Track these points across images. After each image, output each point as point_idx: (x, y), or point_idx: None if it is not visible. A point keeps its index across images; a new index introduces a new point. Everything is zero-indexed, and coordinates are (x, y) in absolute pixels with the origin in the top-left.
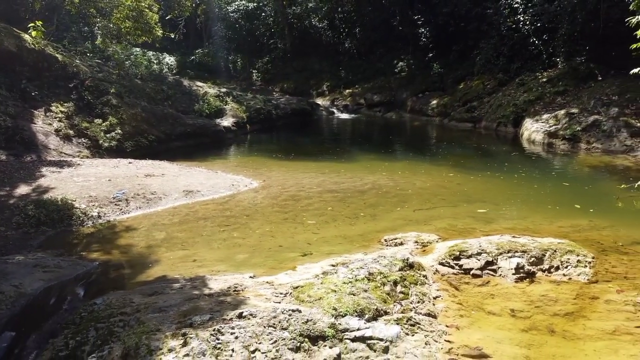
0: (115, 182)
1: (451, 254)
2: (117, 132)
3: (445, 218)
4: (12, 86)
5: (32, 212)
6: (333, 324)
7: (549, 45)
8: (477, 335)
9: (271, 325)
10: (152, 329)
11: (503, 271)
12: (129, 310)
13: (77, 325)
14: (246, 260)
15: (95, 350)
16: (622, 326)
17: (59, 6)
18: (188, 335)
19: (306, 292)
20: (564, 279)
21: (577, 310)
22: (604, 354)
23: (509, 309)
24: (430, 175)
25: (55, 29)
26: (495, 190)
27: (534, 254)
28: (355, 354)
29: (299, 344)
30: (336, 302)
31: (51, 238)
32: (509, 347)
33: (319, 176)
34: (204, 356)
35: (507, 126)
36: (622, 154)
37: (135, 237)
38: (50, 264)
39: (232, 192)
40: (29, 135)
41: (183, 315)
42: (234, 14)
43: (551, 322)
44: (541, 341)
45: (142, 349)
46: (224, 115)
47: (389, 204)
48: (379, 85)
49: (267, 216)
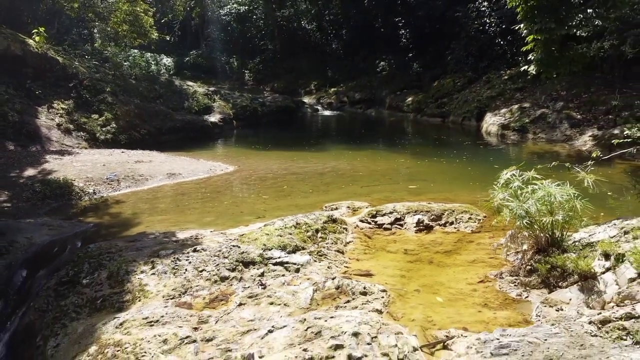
0: (108, 166)
1: (370, 214)
2: (112, 127)
3: (385, 192)
4: (18, 86)
5: (39, 188)
6: (261, 254)
7: (513, 46)
8: (371, 264)
9: (216, 255)
10: (130, 260)
11: (407, 225)
12: (114, 250)
13: (75, 262)
14: (212, 221)
15: (89, 275)
16: (480, 258)
17: (60, 11)
18: (155, 262)
19: (246, 237)
20: (453, 230)
21: (454, 249)
22: (458, 273)
23: (403, 249)
24: (386, 161)
25: (56, 32)
26: (435, 172)
27: (435, 213)
28: (275, 272)
29: (235, 266)
30: (266, 241)
31: (55, 208)
32: (392, 270)
33: (288, 162)
34: (166, 274)
35: (470, 120)
36: (562, 142)
37: (123, 207)
38: (54, 224)
39: (209, 174)
40: (34, 129)
41: (154, 252)
42: (226, 16)
43: (432, 257)
44: (419, 267)
45: (121, 271)
46: (212, 112)
47: (342, 182)
48: (362, 84)
49: (236, 192)
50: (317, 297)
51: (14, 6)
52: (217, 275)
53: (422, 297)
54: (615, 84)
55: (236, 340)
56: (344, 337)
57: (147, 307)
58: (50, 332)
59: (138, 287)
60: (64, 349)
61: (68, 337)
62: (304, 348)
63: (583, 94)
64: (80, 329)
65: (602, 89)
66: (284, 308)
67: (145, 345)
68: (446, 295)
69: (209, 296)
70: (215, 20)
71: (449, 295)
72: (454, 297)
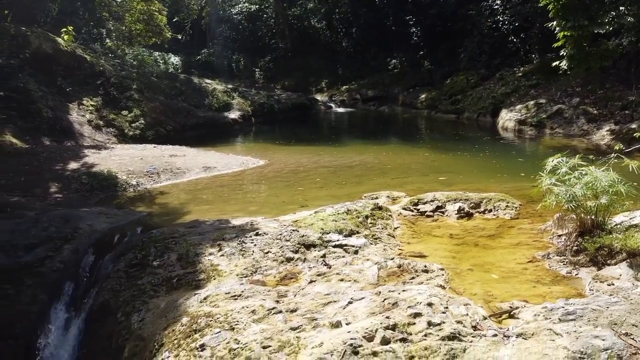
0: (146, 160)
1: (411, 202)
2: (141, 122)
3: (416, 183)
4: (49, 83)
5: (86, 180)
6: (320, 237)
7: (526, 43)
8: (421, 246)
9: (278, 239)
10: (196, 243)
11: (449, 212)
12: (177, 235)
13: (140, 246)
14: (257, 210)
15: (158, 257)
16: (523, 241)
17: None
18: (222, 245)
19: (302, 222)
20: (492, 217)
21: (497, 233)
22: (505, 254)
23: (448, 233)
24: (410, 155)
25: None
26: (461, 165)
27: (473, 201)
28: (335, 254)
29: (297, 249)
30: (323, 225)
31: (103, 199)
32: (442, 252)
33: (315, 156)
34: (234, 255)
35: (486, 116)
36: (579, 137)
37: (168, 198)
38: (110, 213)
39: (242, 168)
40: (67, 125)
41: (216, 237)
42: (237, 15)
43: (477, 240)
44: (466, 250)
45: (190, 253)
46: (231, 109)
47: (372, 174)
48: (374, 81)
49: (272, 184)
50: (382, 274)
51: (29, 5)
52: (282, 256)
53: (477, 275)
54: (630, 80)
55: (319, 310)
56: (420, 306)
57: (224, 284)
58: (131, 308)
59: (210, 267)
60: (151, 322)
61: (151, 312)
62: (387, 316)
63: (598, 90)
64: (162, 304)
65: (616, 85)
66: (354, 284)
67: (236, 315)
68: (499, 273)
69: (279, 275)
70: (226, 19)
71: (502, 273)
72: (506, 274)
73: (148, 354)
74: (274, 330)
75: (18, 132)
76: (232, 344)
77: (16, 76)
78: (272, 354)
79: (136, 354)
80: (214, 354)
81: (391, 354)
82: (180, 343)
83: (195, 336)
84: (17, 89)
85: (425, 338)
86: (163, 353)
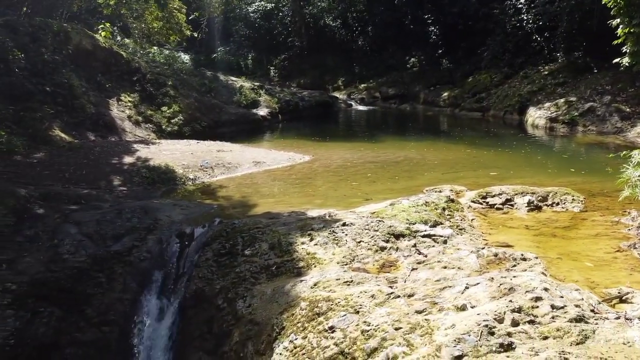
0: (196, 155)
1: (480, 195)
2: (179, 119)
3: (469, 178)
4: (89, 79)
5: (146, 173)
6: (408, 228)
7: (550, 42)
8: (503, 237)
9: (366, 229)
10: (284, 233)
11: (518, 205)
12: (262, 226)
13: (225, 236)
14: (323, 203)
15: (248, 247)
16: (602, 232)
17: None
18: (312, 235)
19: (382, 214)
20: (562, 210)
21: (571, 225)
22: (587, 244)
23: (524, 225)
24: (451, 151)
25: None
26: (506, 160)
27: (540, 194)
28: (426, 243)
29: (388, 238)
30: (407, 216)
31: (166, 192)
32: (525, 242)
33: (357, 152)
34: (328, 244)
35: (512, 114)
36: (613, 134)
37: (229, 191)
38: (182, 205)
39: (291, 163)
40: (110, 120)
41: (301, 227)
42: (254, 14)
43: (553, 231)
44: (546, 240)
45: (282, 242)
46: (259, 106)
47: (421, 170)
48: (393, 79)
49: (326, 178)
50: (481, 262)
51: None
52: (375, 245)
53: (569, 263)
54: None
55: (436, 295)
56: (538, 291)
57: (327, 271)
58: (234, 295)
59: (307, 255)
60: (261, 307)
61: (257, 298)
62: (509, 300)
63: (629, 88)
64: (268, 291)
65: None
66: (459, 271)
67: (357, 299)
68: (591, 262)
69: (377, 263)
70: (243, 17)
71: (593, 261)
72: (599, 263)
73: (266, 337)
74: (400, 313)
75: (65, 127)
76: (363, 326)
77: (60, 72)
78: (405, 334)
79: (250, 338)
80: (346, 335)
81: (524, 335)
82: (305, 326)
83: (320, 319)
84: (62, 84)
85: (553, 320)
86: (289, 336)
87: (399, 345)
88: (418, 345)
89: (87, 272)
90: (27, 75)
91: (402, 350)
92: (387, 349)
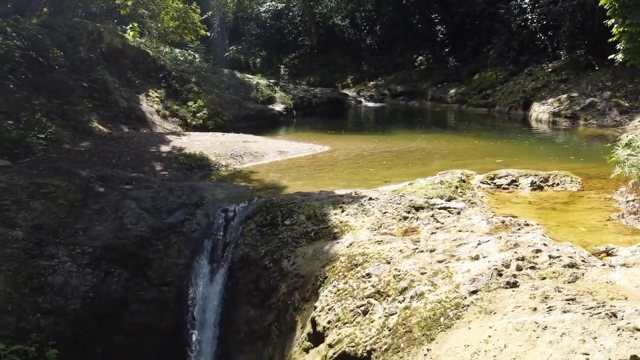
0: (225, 145)
1: (488, 177)
2: (204, 113)
3: (477, 165)
4: (120, 76)
5: (183, 160)
6: (426, 201)
7: (554, 41)
8: (509, 210)
9: (390, 202)
10: (318, 206)
11: (522, 185)
12: (297, 201)
13: (265, 210)
14: (347, 185)
15: (287, 218)
16: (596, 206)
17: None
18: (343, 207)
19: (403, 191)
20: (561, 189)
21: (570, 201)
22: (583, 215)
23: (527, 201)
24: (460, 142)
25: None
26: (512, 150)
27: (542, 176)
28: (442, 214)
29: (409, 209)
30: (425, 192)
31: (202, 177)
32: (528, 214)
33: (372, 144)
34: (357, 215)
35: (517, 109)
36: (613, 127)
37: (260, 175)
38: (223, 186)
39: (312, 152)
40: (141, 114)
41: (333, 202)
42: (265, 14)
43: (553, 205)
44: (547, 212)
45: (318, 214)
46: (275, 102)
47: (432, 158)
48: (401, 77)
49: (346, 165)
50: (490, 227)
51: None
52: (398, 215)
53: (566, 229)
54: None
55: (454, 249)
56: (539, 245)
57: (359, 235)
58: (279, 256)
59: (340, 223)
60: (304, 264)
61: (300, 257)
62: (515, 251)
63: (628, 84)
64: (309, 251)
65: None
66: (472, 233)
67: (387, 253)
68: (584, 228)
69: (400, 229)
70: (254, 16)
71: (587, 228)
72: (592, 229)
73: (311, 286)
74: (424, 262)
75: (101, 119)
76: (394, 272)
77: (95, 69)
78: (430, 277)
79: (297, 289)
80: (380, 279)
81: (527, 276)
82: (345, 274)
83: (358, 269)
84: (97, 80)
85: (550, 266)
86: (332, 282)
87: (425, 285)
88: (440, 284)
89: (148, 240)
90: (67, 72)
91: (428, 288)
92: (415, 287)
